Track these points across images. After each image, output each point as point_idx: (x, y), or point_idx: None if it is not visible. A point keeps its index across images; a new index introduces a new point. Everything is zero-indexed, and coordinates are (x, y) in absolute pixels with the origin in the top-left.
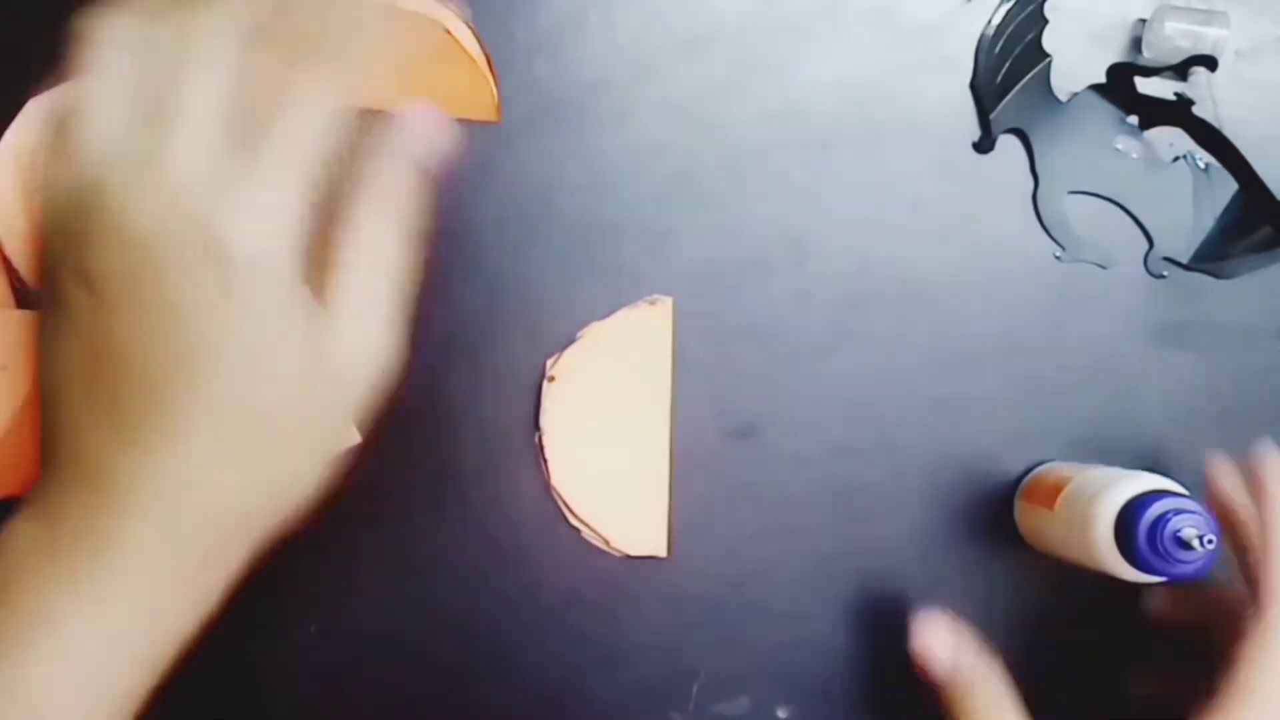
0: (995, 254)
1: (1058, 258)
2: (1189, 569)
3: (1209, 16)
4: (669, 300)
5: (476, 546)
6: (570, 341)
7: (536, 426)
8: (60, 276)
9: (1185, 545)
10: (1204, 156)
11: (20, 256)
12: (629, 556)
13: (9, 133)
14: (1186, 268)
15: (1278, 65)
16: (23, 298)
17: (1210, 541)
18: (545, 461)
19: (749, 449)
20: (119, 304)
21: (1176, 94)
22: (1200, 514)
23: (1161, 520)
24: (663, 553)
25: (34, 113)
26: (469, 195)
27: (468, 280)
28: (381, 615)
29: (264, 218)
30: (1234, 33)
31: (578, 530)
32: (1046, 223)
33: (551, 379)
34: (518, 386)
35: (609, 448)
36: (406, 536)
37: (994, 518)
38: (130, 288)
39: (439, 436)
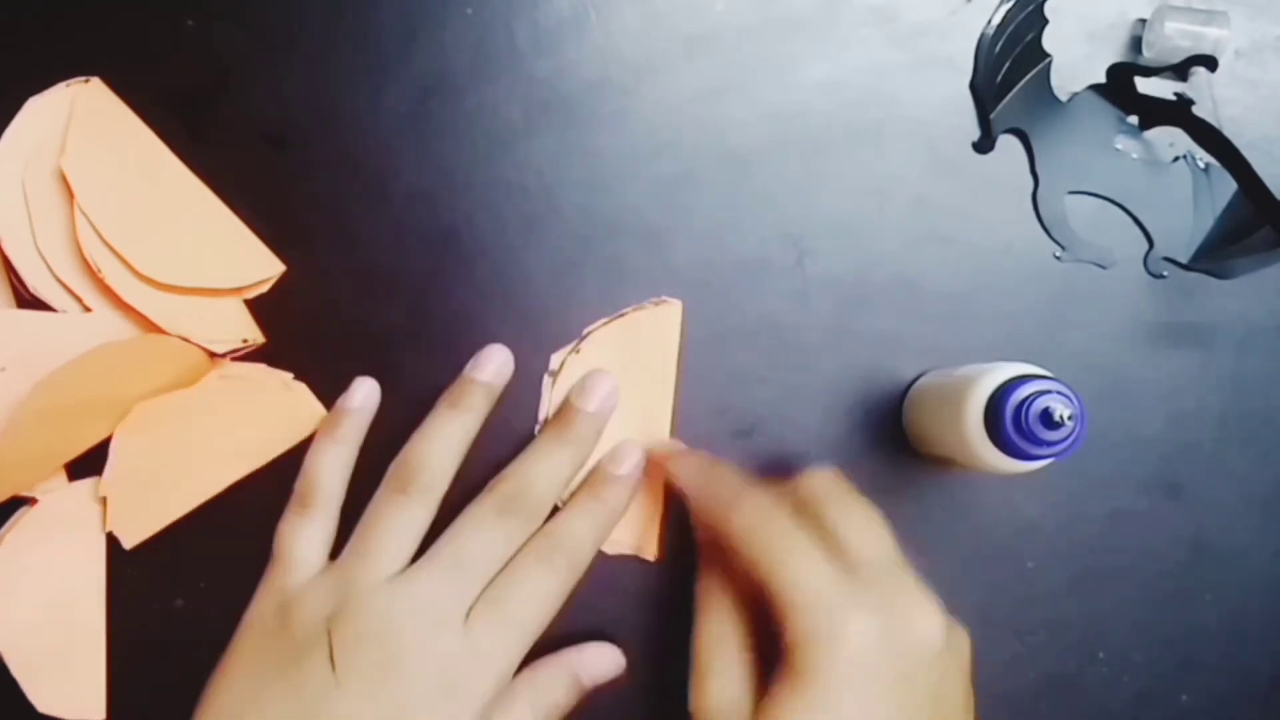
0: (995, 254)
1: (1058, 258)
2: (1055, 449)
3: (1209, 16)
4: (678, 302)
5: None
6: (574, 338)
7: (537, 422)
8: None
9: (1051, 424)
10: (1204, 156)
11: (21, 257)
12: (618, 556)
13: (9, 132)
14: (1186, 268)
15: (1278, 65)
16: (23, 298)
17: (1073, 418)
18: None
19: (749, 448)
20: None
21: (1176, 94)
22: (1065, 392)
23: (1027, 401)
24: (652, 556)
25: (33, 111)
26: (470, 194)
27: (469, 279)
28: None
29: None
30: (1234, 33)
31: None
32: (1046, 223)
33: (554, 373)
34: (518, 384)
35: (607, 446)
36: None
37: (1006, 509)
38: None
39: None
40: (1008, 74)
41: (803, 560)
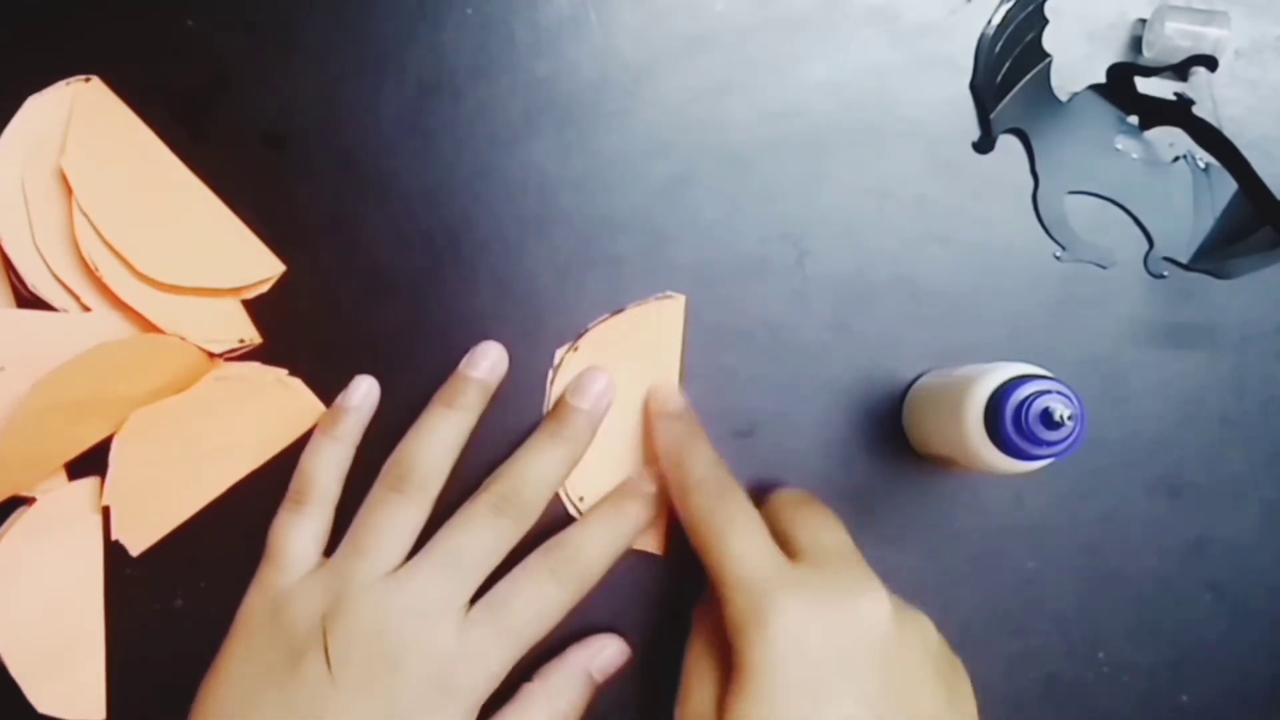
0: (995, 254)
1: (1058, 258)
2: (1055, 449)
3: (1209, 16)
4: (681, 297)
5: None
6: (578, 334)
7: (542, 417)
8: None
9: (1051, 424)
10: (1204, 156)
11: (20, 256)
12: (626, 551)
13: (9, 131)
14: (1186, 268)
15: (1278, 65)
16: (22, 297)
17: (1073, 418)
18: None
19: (749, 448)
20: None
21: (1176, 94)
22: (1065, 392)
23: (1027, 401)
24: (659, 551)
25: (33, 110)
26: (470, 194)
27: (469, 279)
28: None
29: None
30: (1234, 33)
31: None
32: (1046, 223)
33: (557, 368)
34: (519, 383)
35: (610, 441)
36: None
37: (1007, 509)
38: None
39: None
40: (1008, 74)
41: (744, 542)
